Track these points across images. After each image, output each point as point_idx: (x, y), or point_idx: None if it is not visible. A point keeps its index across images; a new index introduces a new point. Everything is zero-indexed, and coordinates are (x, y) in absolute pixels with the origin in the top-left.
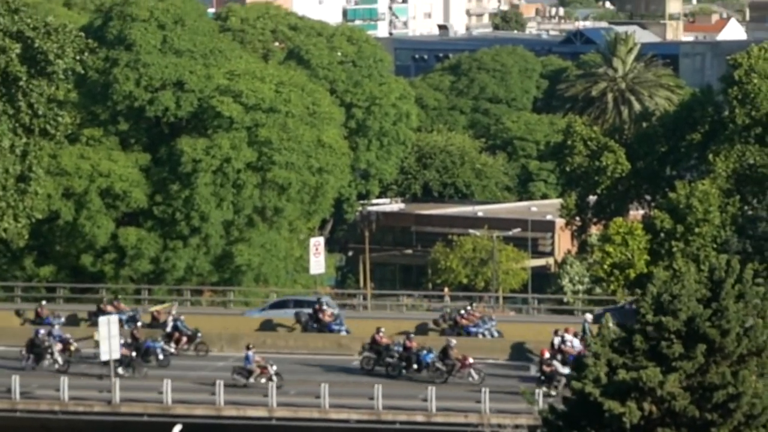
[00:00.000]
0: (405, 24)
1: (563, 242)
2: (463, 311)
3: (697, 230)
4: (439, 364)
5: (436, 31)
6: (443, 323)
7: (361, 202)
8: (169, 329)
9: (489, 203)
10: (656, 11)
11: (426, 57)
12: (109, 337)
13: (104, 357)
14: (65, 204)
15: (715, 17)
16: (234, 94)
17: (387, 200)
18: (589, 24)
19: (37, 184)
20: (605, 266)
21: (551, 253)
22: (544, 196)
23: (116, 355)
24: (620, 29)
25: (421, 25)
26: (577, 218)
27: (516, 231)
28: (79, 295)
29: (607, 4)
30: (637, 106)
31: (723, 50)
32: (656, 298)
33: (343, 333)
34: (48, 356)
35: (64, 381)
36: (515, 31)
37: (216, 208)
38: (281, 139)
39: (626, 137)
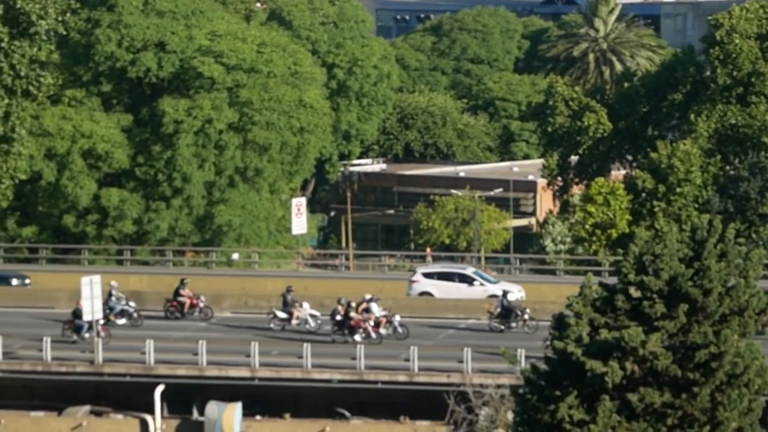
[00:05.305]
0: None
1: (545, 202)
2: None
3: (678, 190)
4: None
5: None
6: None
7: (343, 162)
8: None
9: (470, 163)
10: None
11: (407, 18)
12: (91, 298)
13: (87, 317)
14: (47, 165)
15: None
16: (215, 55)
17: (369, 161)
18: None
19: (20, 145)
20: (587, 226)
21: (533, 214)
22: (526, 157)
23: (99, 316)
24: None
25: None
26: (559, 178)
27: (498, 191)
28: (62, 255)
29: None
30: (618, 67)
31: (704, 10)
32: (638, 257)
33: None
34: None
35: (47, 341)
36: None
37: (198, 169)
38: (262, 100)
39: (608, 97)
